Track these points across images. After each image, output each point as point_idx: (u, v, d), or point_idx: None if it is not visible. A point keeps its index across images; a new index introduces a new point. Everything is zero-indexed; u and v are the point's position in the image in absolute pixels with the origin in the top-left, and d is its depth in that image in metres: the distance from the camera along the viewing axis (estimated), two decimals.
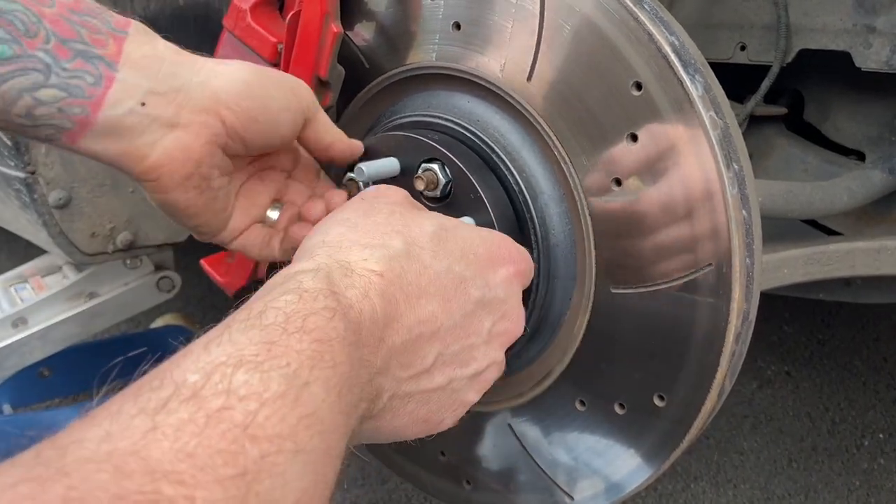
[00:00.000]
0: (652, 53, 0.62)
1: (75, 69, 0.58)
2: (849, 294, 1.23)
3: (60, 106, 0.58)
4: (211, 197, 0.67)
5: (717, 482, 1.54)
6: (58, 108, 0.58)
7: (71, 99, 0.58)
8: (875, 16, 0.96)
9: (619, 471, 0.73)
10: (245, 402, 0.38)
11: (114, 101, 0.60)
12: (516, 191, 0.73)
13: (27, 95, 0.57)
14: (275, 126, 0.66)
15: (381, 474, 1.59)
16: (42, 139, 0.61)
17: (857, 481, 1.53)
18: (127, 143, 0.61)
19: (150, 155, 0.62)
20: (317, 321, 0.46)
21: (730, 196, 0.62)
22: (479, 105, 0.75)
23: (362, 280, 0.53)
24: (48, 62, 0.57)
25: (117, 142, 0.61)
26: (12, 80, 0.56)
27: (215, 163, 0.65)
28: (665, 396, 0.68)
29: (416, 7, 0.77)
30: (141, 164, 0.62)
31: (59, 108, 0.58)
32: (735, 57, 1.07)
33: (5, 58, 0.56)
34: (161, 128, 0.62)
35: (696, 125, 0.62)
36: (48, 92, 0.58)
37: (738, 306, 0.63)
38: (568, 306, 0.73)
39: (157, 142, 0.62)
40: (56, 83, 0.58)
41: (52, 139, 0.61)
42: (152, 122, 0.61)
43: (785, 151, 1.22)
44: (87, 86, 0.59)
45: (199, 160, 0.64)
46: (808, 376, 1.82)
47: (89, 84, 0.59)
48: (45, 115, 0.58)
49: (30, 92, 0.57)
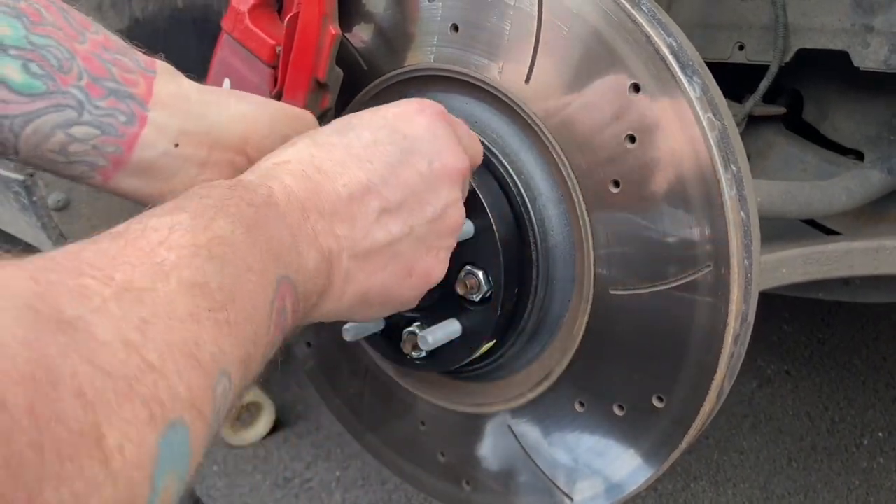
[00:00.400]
0: (650, 55, 0.62)
1: (108, 107, 0.59)
2: (848, 293, 1.23)
3: (95, 143, 0.59)
4: None
5: (717, 481, 1.54)
6: (92, 145, 0.59)
7: (104, 137, 0.60)
8: (873, 15, 0.96)
9: (618, 471, 0.74)
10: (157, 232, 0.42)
11: (148, 142, 0.61)
12: (515, 192, 0.73)
13: (60, 132, 0.58)
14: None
15: (380, 475, 1.59)
16: (75, 176, 0.62)
17: (856, 480, 1.53)
18: (162, 184, 0.63)
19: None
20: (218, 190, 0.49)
21: (728, 197, 0.62)
22: (478, 107, 0.75)
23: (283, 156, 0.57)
24: (81, 99, 0.58)
25: (151, 181, 0.63)
26: (46, 115, 0.57)
27: None
28: (664, 397, 0.68)
29: (414, 9, 0.77)
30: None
31: (93, 146, 0.59)
32: (733, 57, 1.07)
33: (39, 93, 0.57)
34: (193, 167, 0.64)
35: (693, 127, 0.62)
36: (82, 129, 0.59)
37: (737, 307, 0.63)
38: (567, 308, 0.73)
39: (192, 181, 0.63)
40: (89, 120, 0.59)
41: (84, 177, 0.62)
42: (185, 161, 0.63)
43: (784, 151, 1.22)
44: (120, 125, 0.60)
45: None
46: (808, 375, 1.82)
47: (122, 123, 0.60)
48: (79, 153, 0.59)
49: (63, 129, 0.58)
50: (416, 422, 0.91)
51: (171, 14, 1.08)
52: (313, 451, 1.69)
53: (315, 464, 1.66)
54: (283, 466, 1.66)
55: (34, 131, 0.57)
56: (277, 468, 1.66)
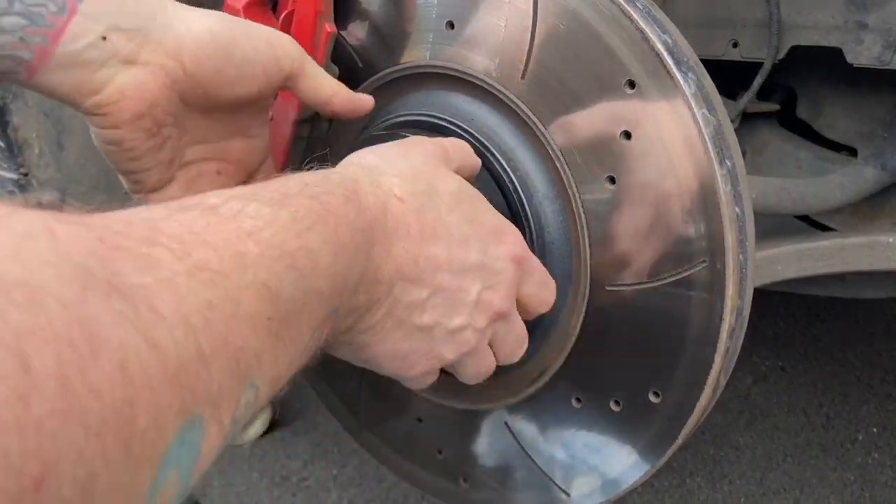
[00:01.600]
0: (645, 52, 0.63)
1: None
2: (842, 289, 1.23)
3: (22, 35, 0.56)
4: (157, 144, 0.65)
5: (713, 478, 1.55)
6: (20, 37, 0.56)
7: (33, 28, 0.56)
8: (866, 12, 0.97)
9: (615, 467, 0.74)
10: (254, 220, 0.41)
11: (75, 34, 0.58)
12: (511, 189, 0.73)
13: None
14: (239, 78, 0.65)
15: (378, 473, 1.59)
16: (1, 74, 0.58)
17: (851, 476, 1.54)
18: (82, 77, 0.59)
19: (104, 89, 0.60)
20: (331, 199, 0.48)
21: (723, 193, 0.62)
22: (474, 104, 0.75)
23: (385, 196, 0.55)
24: None
25: (73, 75, 0.59)
26: None
27: (170, 109, 0.64)
28: (660, 393, 0.68)
29: (409, 6, 0.77)
30: (93, 97, 0.61)
31: (20, 38, 0.56)
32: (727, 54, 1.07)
33: None
34: (119, 63, 0.60)
35: (688, 123, 0.62)
36: (10, 20, 0.55)
37: (732, 303, 0.64)
38: (563, 304, 0.73)
39: (112, 77, 0.60)
40: (19, 10, 0.56)
41: (9, 73, 0.58)
42: (111, 57, 0.60)
43: (778, 148, 1.22)
44: (49, 14, 0.57)
45: (153, 101, 0.62)
46: (803, 371, 1.82)
47: (52, 13, 0.57)
48: (5, 45, 0.56)
49: None
50: (413, 419, 0.91)
51: None
52: (310, 449, 1.69)
53: (312, 462, 1.66)
54: (279, 465, 1.66)
55: None
56: (274, 466, 1.66)
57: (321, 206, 0.47)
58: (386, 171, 0.58)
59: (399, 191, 0.57)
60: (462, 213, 0.61)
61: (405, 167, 0.60)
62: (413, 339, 0.59)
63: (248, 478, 1.64)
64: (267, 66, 0.66)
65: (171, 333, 0.31)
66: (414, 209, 0.57)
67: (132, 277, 0.31)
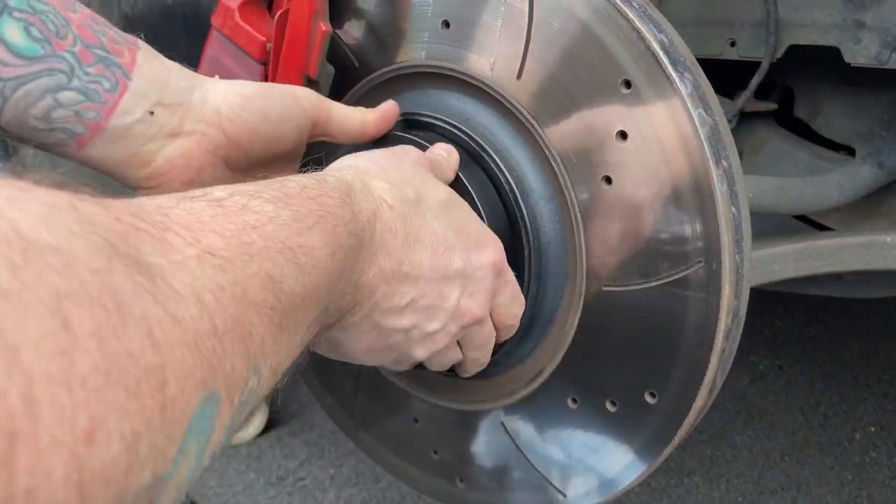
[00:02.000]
0: (641, 51, 0.62)
1: (96, 74, 0.60)
2: (839, 289, 1.23)
3: (78, 109, 0.60)
4: None
5: (710, 477, 1.55)
6: (75, 111, 0.60)
7: (88, 103, 0.60)
8: (864, 11, 0.96)
9: (612, 467, 0.74)
10: (257, 215, 0.42)
11: (125, 109, 0.62)
12: (507, 189, 0.72)
13: (49, 96, 0.59)
14: (276, 135, 0.68)
15: (374, 473, 1.59)
16: (50, 145, 0.62)
17: (848, 475, 1.54)
18: (130, 150, 0.63)
19: (153, 161, 0.64)
20: (328, 201, 0.50)
21: (719, 193, 0.62)
22: (469, 103, 0.75)
23: (376, 202, 0.57)
24: (73, 64, 0.59)
25: (121, 148, 0.63)
26: (38, 79, 0.58)
27: (216, 174, 0.67)
28: (657, 393, 0.68)
29: (405, 5, 0.76)
30: (143, 170, 0.65)
31: (75, 112, 0.60)
32: (725, 53, 1.07)
33: (37, 57, 0.58)
34: (165, 136, 0.64)
35: (685, 123, 0.62)
36: (68, 95, 0.59)
37: (728, 303, 0.63)
38: (559, 304, 0.73)
39: (160, 149, 0.64)
40: (77, 86, 0.59)
41: (60, 146, 0.62)
42: (158, 130, 0.64)
43: (775, 147, 1.22)
44: (104, 91, 0.61)
45: (200, 168, 0.66)
46: (800, 371, 1.82)
47: (105, 90, 0.61)
48: (61, 118, 0.60)
49: (52, 93, 0.59)
50: (409, 419, 0.91)
51: (161, 10, 1.07)
52: (307, 449, 1.69)
53: (308, 462, 1.66)
54: (276, 465, 1.66)
55: (25, 95, 0.58)
56: (271, 467, 1.65)
57: (320, 207, 0.49)
58: (377, 177, 0.60)
59: (389, 197, 0.59)
60: (447, 221, 0.63)
61: (394, 174, 0.62)
62: (388, 339, 0.61)
63: (244, 478, 1.63)
64: (299, 119, 0.69)
65: (188, 309, 0.33)
66: (401, 215, 0.59)
67: (149, 256, 0.33)
